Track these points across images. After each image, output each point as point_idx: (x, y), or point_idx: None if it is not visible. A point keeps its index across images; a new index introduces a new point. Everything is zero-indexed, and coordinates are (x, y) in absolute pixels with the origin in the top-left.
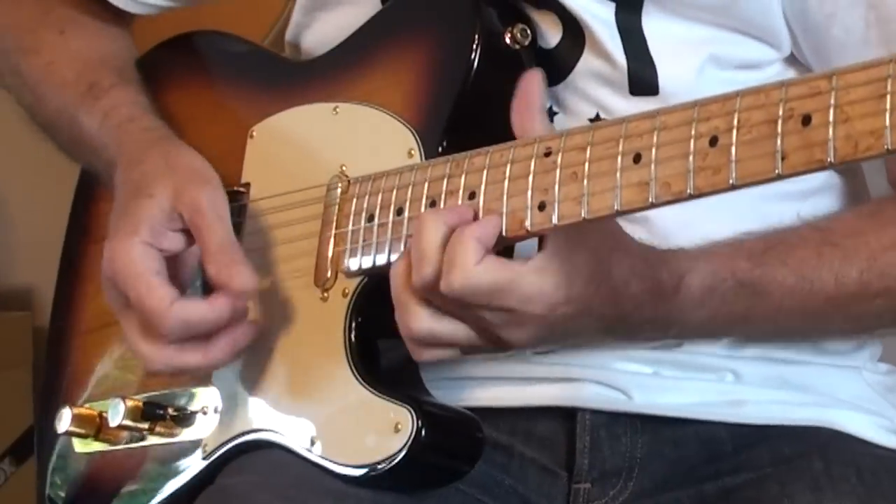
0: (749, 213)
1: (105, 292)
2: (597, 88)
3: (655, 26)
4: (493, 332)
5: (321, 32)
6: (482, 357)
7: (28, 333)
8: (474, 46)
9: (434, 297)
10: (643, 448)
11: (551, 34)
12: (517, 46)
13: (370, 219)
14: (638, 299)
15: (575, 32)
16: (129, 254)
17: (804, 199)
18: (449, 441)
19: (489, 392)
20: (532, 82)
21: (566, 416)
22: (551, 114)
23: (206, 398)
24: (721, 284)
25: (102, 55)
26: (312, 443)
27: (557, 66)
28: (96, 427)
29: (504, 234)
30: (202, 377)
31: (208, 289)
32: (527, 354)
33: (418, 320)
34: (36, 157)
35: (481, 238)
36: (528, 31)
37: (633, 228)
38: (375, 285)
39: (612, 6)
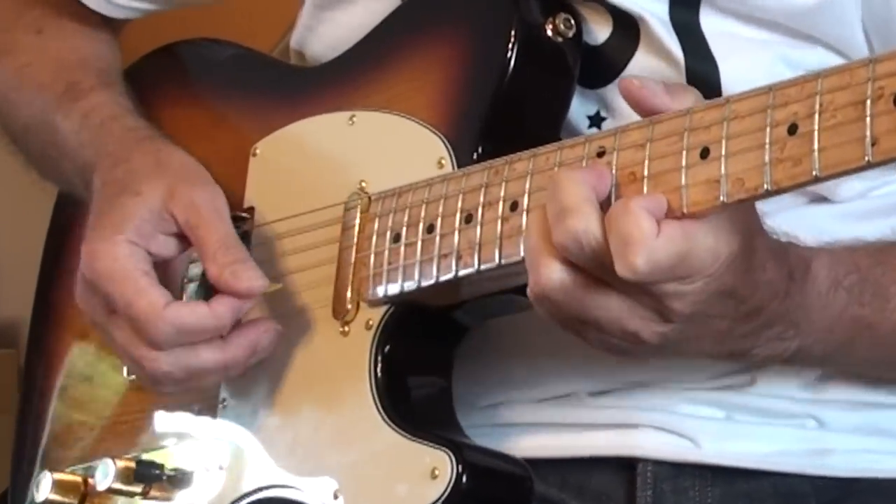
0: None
1: (82, 301)
2: None
3: (715, 25)
4: (653, 306)
5: (330, 35)
6: (527, 399)
7: (13, 374)
8: (511, 39)
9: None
10: (714, 503)
11: (599, 29)
12: (560, 39)
13: (396, 239)
14: (773, 286)
15: (627, 27)
16: (112, 253)
17: (888, 216)
18: (493, 489)
19: (536, 440)
20: (636, 89)
21: (625, 467)
22: (599, 119)
23: (208, 454)
24: (846, 278)
25: (83, 56)
26: (335, 497)
27: (606, 64)
28: (81, 494)
29: None
30: (209, 404)
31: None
32: (580, 396)
33: (550, 270)
34: (21, 186)
35: (652, 209)
36: (573, 22)
37: None
38: (404, 314)
39: (666, 2)
